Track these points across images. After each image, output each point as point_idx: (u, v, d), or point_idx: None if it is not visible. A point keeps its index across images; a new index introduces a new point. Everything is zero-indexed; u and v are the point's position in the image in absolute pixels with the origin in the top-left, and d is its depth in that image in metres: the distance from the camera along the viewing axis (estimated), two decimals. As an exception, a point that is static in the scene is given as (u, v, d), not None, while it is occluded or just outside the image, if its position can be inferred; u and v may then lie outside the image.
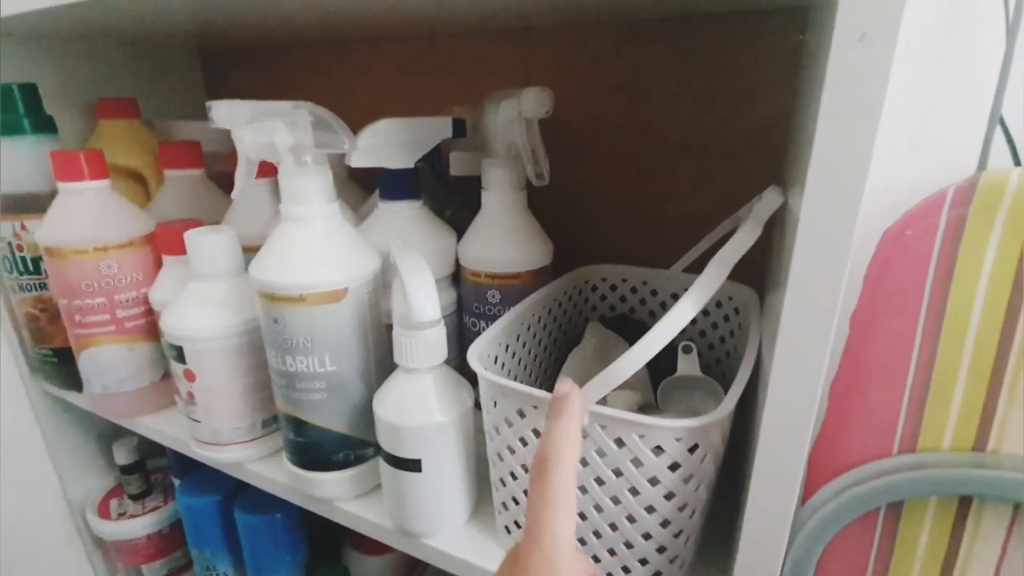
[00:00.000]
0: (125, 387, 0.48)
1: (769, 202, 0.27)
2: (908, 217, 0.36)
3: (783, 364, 0.23)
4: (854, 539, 0.39)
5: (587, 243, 0.51)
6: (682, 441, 0.26)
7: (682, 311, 0.23)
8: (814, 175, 0.20)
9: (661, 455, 0.26)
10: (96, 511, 0.62)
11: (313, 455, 0.37)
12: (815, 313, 0.22)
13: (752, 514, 0.26)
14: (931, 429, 0.37)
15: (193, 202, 0.52)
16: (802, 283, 0.22)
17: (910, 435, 0.38)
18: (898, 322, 0.36)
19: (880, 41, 0.17)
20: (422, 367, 0.32)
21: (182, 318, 0.39)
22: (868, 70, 0.18)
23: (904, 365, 0.37)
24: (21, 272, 0.50)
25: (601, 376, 0.25)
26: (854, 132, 0.18)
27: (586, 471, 0.28)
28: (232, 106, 0.33)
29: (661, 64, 0.47)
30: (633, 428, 0.26)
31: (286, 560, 0.54)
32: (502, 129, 0.39)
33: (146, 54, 0.65)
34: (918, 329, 0.36)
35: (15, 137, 0.48)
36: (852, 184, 0.19)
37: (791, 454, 0.24)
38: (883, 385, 0.37)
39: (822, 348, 0.23)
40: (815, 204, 0.20)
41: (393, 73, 0.60)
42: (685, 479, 0.26)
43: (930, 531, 0.38)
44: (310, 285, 0.33)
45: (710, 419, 0.25)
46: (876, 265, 0.36)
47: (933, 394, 0.37)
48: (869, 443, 0.38)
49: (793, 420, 0.24)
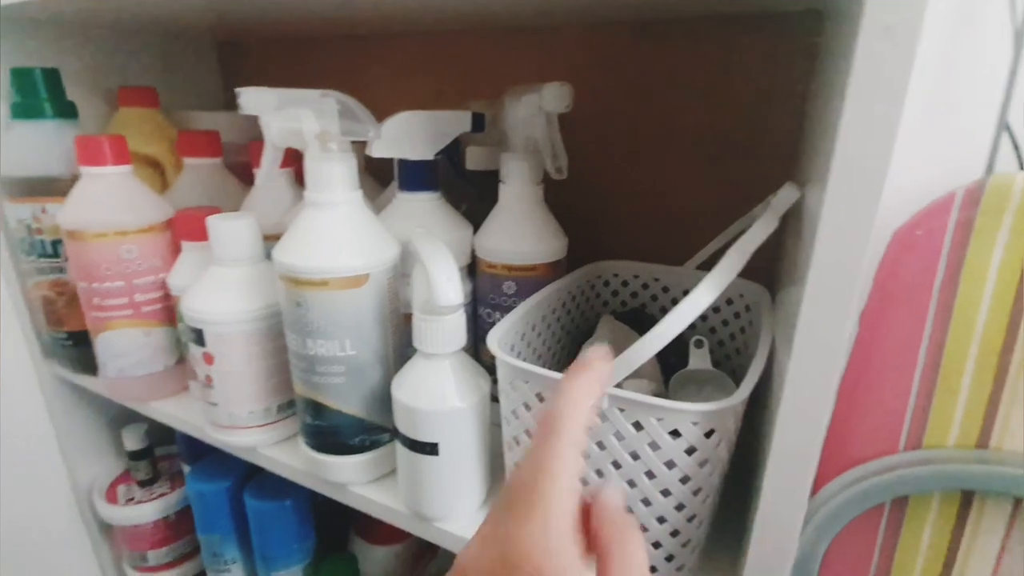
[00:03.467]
0: (140, 371, 0.49)
1: (786, 197, 0.28)
2: (918, 218, 0.37)
3: (801, 357, 0.24)
4: (859, 533, 0.40)
5: (598, 239, 0.52)
6: (699, 425, 0.26)
7: (700, 296, 0.24)
8: (838, 166, 0.20)
9: (678, 439, 0.26)
10: (104, 496, 0.63)
11: (330, 439, 0.38)
12: (834, 305, 0.23)
13: (766, 505, 0.26)
14: (937, 426, 0.38)
15: (210, 190, 0.53)
16: (822, 271, 0.22)
17: (916, 432, 0.38)
18: (906, 320, 0.37)
19: (904, 34, 0.18)
20: (441, 352, 0.33)
21: (203, 301, 0.39)
22: (893, 62, 0.18)
23: (911, 363, 0.38)
24: (39, 255, 0.51)
25: (621, 358, 0.25)
26: (878, 122, 0.19)
27: (603, 454, 0.29)
28: (261, 93, 0.34)
29: (676, 64, 0.48)
30: (652, 411, 0.26)
31: (294, 548, 0.54)
32: (522, 123, 0.40)
33: (165, 45, 0.66)
34: (926, 327, 0.37)
35: (37, 121, 0.49)
36: (875, 174, 0.20)
37: (807, 446, 0.25)
38: (890, 383, 0.38)
39: (840, 341, 0.23)
40: (838, 195, 0.21)
41: (410, 68, 0.61)
42: (700, 463, 0.27)
43: (933, 526, 0.39)
44: (333, 270, 0.34)
45: (727, 404, 0.26)
46: (886, 264, 0.37)
47: (939, 392, 0.38)
48: (876, 439, 0.39)
49: (810, 413, 0.24)
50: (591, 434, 0.28)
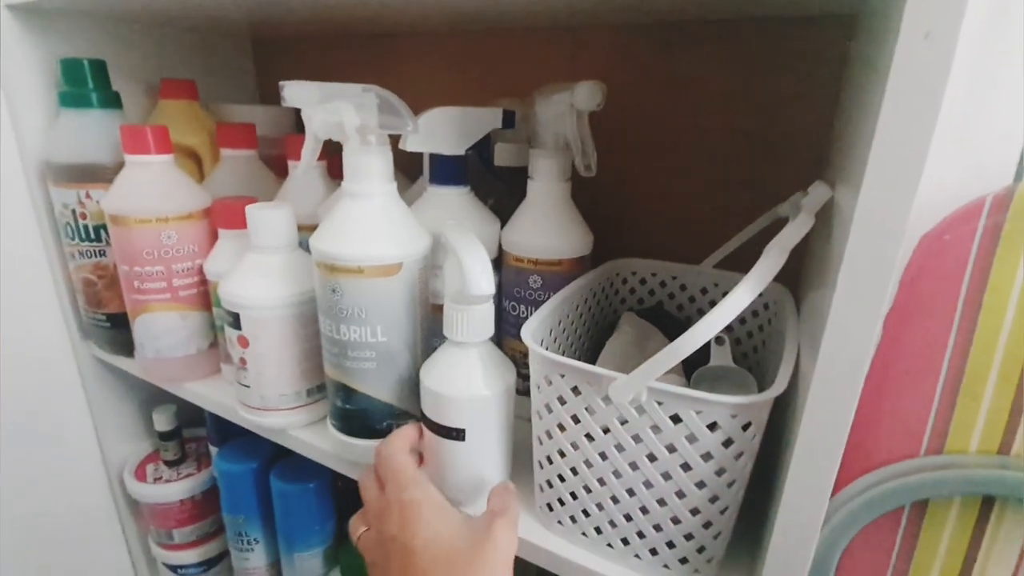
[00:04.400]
0: (176, 353, 0.51)
1: (818, 195, 0.28)
2: (946, 223, 0.37)
3: (828, 358, 0.24)
4: (877, 536, 0.40)
5: (617, 237, 0.53)
6: (737, 418, 0.27)
7: (742, 295, 0.25)
8: (873, 168, 0.21)
9: (716, 430, 0.27)
10: (133, 474, 0.65)
11: (359, 422, 0.39)
12: (864, 307, 0.23)
13: (787, 503, 0.27)
14: (959, 432, 0.38)
15: (246, 181, 0.54)
16: (853, 272, 0.23)
17: (938, 437, 0.38)
18: (932, 325, 0.37)
19: (943, 38, 0.19)
20: (471, 341, 0.34)
21: (240, 286, 0.41)
22: (931, 66, 0.19)
23: (935, 368, 0.38)
24: (83, 239, 0.53)
25: (666, 351, 0.26)
26: (915, 125, 0.20)
27: (638, 447, 0.29)
28: (304, 87, 0.35)
29: (707, 65, 0.48)
30: (692, 404, 0.27)
31: (315, 530, 0.56)
32: (552, 120, 0.41)
33: (204, 40, 0.68)
34: (951, 333, 0.37)
35: (83, 110, 0.51)
36: (909, 176, 0.20)
37: (830, 447, 0.26)
38: (913, 387, 0.38)
39: (868, 343, 0.24)
40: (872, 196, 0.21)
41: (441, 66, 0.62)
42: (736, 455, 0.28)
43: (953, 531, 0.39)
44: (368, 258, 0.35)
45: (765, 396, 0.26)
46: (912, 268, 0.37)
47: (962, 397, 0.38)
48: (897, 443, 0.39)
49: (834, 414, 0.25)
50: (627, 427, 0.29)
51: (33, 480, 0.61)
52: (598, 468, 0.31)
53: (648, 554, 0.32)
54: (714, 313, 0.25)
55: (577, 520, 0.34)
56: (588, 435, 0.31)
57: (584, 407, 0.30)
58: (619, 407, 0.29)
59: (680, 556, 0.31)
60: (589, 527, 0.33)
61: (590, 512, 0.33)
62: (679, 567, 0.31)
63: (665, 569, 0.32)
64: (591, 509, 0.33)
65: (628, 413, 0.29)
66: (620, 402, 0.28)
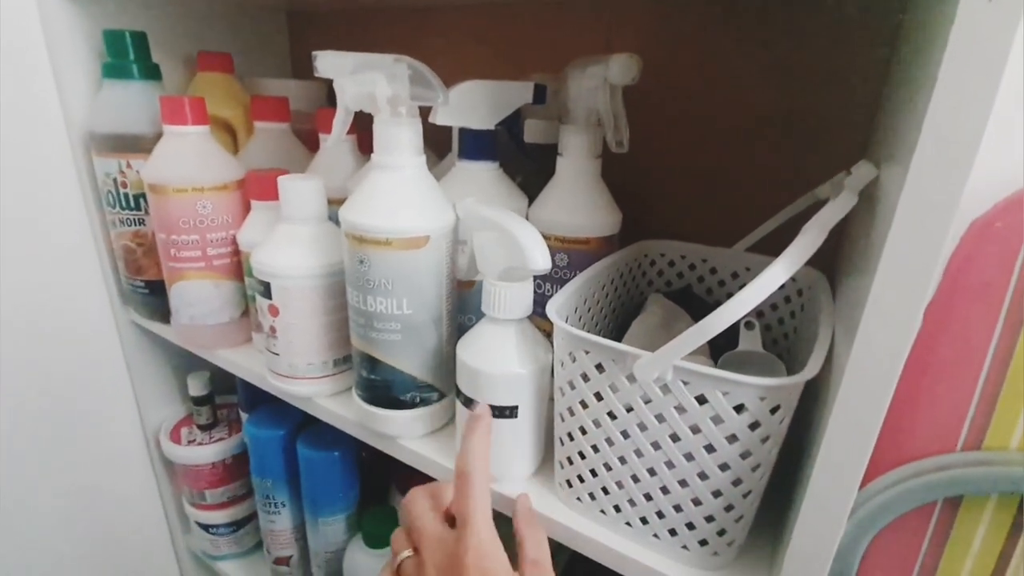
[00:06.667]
0: (209, 320, 0.52)
1: (864, 173, 0.27)
2: (998, 209, 0.35)
3: (865, 346, 0.23)
4: (906, 530, 0.39)
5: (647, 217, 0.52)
6: (766, 401, 0.26)
7: (777, 272, 0.24)
8: (924, 145, 0.20)
9: (743, 413, 0.27)
10: (169, 436, 0.68)
11: (383, 393, 0.40)
12: (905, 293, 0.22)
13: (813, 494, 0.26)
14: (1000, 428, 0.37)
15: (279, 153, 0.55)
16: (896, 257, 0.22)
17: (977, 432, 0.37)
18: (977, 316, 0.36)
19: (1009, 5, 0.17)
20: (512, 318, 0.34)
21: (272, 256, 0.42)
22: (994, 32, 0.18)
23: (978, 361, 0.36)
24: (123, 207, 0.54)
25: (692, 330, 0.25)
26: (973, 96, 0.18)
27: (661, 427, 0.29)
28: (336, 57, 0.35)
29: (748, 41, 0.46)
30: (718, 384, 0.26)
31: (339, 496, 0.58)
32: (585, 95, 0.40)
33: (240, 14, 0.69)
34: (997, 325, 0.35)
35: (125, 81, 0.52)
36: (963, 156, 0.19)
37: (863, 435, 0.25)
38: (953, 380, 0.37)
39: (908, 332, 0.23)
40: (921, 176, 0.20)
41: (473, 40, 0.61)
42: (763, 439, 0.27)
43: (987, 530, 0.38)
44: (396, 230, 0.35)
45: (796, 379, 0.26)
46: (959, 256, 0.36)
47: (1006, 393, 0.36)
48: (933, 437, 0.38)
49: (868, 405, 0.24)
50: (651, 407, 0.29)
51: (74, 439, 0.65)
52: (620, 447, 0.31)
53: (667, 534, 0.32)
54: (746, 291, 0.24)
55: (596, 498, 0.34)
56: (611, 413, 0.31)
57: (608, 384, 0.30)
58: (643, 385, 0.28)
59: (700, 538, 0.31)
60: (608, 505, 0.33)
61: (610, 490, 0.33)
62: (698, 548, 0.31)
63: (684, 550, 0.32)
64: (611, 487, 0.33)
65: (652, 392, 0.28)
66: (645, 380, 0.28)
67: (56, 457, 0.63)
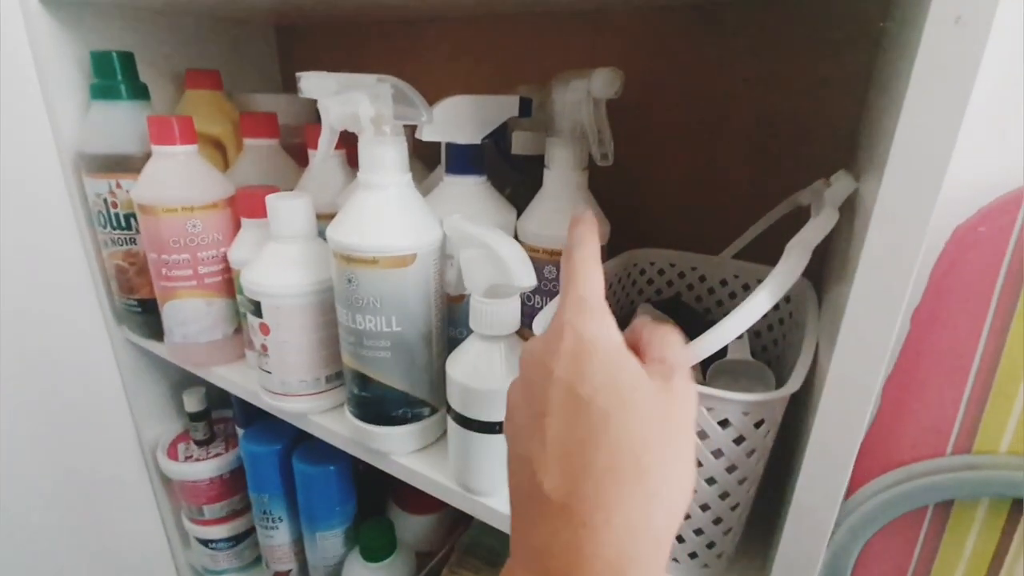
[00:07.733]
0: (202, 338, 0.52)
1: (842, 187, 0.27)
2: (981, 214, 0.35)
3: (844, 354, 0.23)
4: (897, 536, 0.39)
5: (635, 226, 0.52)
6: (749, 415, 0.26)
7: (762, 299, 0.24)
8: (896, 154, 0.20)
9: (727, 428, 0.27)
10: (166, 453, 0.68)
11: (374, 409, 0.40)
12: (883, 301, 0.22)
13: (799, 502, 0.26)
14: (988, 432, 0.37)
15: (269, 169, 0.55)
16: (872, 265, 0.22)
17: (966, 437, 0.37)
18: (963, 321, 0.36)
19: (975, 24, 0.18)
20: (500, 334, 0.34)
21: (261, 275, 0.42)
22: (961, 53, 0.18)
23: (965, 366, 0.36)
24: (114, 227, 0.55)
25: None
26: (941, 113, 0.19)
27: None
28: (320, 77, 0.36)
29: (732, 48, 0.47)
30: (703, 400, 0.27)
31: (336, 510, 0.58)
32: (569, 108, 0.40)
33: (227, 30, 0.69)
34: (984, 329, 0.36)
35: (113, 101, 0.52)
36: (935, 165, 0.19)
37: (845, 444, 0.25)
38: (941, 385, 0.37)
39: (886, 340, 0.23)
40: (894, 185, 0.20)
41: (460, 53, 0.61)
42: (748, 453, 0.27)
43: (979, 533, 0.38)
44: (383, 249, 0.35)
45: (779, 394, 0.26)
46: (944, 262, 0.36)
47: (994, 397, 0.36)
48: (922, 442, 0.38)
49: (850, 412, 0.24)
50: None
51: (73, 458, 0.65)
52: (608, 461, 0.31)
53: (658, 547, 0.32)
54: (731, 318, 0.24)
55: (587, 511, 0.34)
56: (599, 428, 0.31)
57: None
58: (630, 401, 0.28)
59: (689, 551, 0.31)
60: (599, 519, 0.34)
61: (600, 504, 0.33)
62: (688, 561, 0.31)
63: (674, 562, 0.32)
64: (601, 501, 0.33)
65: (639, 407, 0.28)
66: (631, 396, 0.28)
67: (54, 476, 0.63)
